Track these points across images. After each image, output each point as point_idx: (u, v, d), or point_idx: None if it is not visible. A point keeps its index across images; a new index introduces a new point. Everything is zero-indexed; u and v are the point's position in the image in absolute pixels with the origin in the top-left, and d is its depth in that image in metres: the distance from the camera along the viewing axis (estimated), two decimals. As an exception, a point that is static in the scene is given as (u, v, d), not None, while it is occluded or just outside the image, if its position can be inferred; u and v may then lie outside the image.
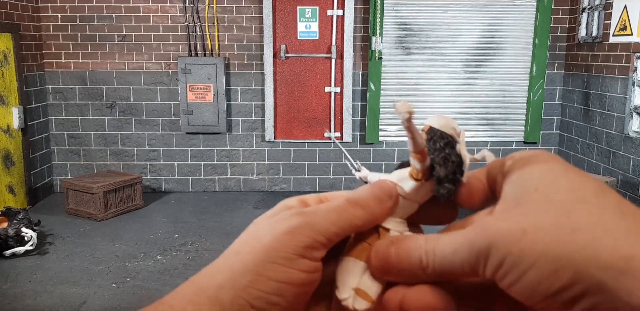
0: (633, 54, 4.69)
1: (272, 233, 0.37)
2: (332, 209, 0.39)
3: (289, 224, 0.37)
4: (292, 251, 0.36)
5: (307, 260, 0.37)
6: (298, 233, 0.37)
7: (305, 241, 0.37)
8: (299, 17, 5.62)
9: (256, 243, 0.37)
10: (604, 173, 5.05)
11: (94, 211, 5.03)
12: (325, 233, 0.37)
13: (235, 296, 0.36)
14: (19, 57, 5.23)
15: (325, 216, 0.38)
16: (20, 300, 3.49)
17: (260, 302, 0.36)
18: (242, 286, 0.36)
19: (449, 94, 5.86)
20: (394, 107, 0.39)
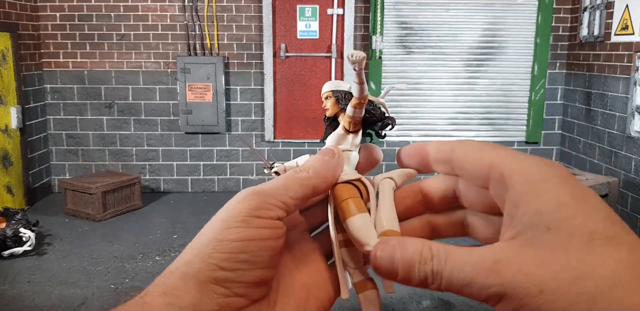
0: (635, 54, 4.66)
1: (225, 208, 0.41)
2: (279, 178, 0.43)
3: (239, 196, 0.41)
4: (245, 214, 0.39)
5: (262, 219, 0.39)
6: (247, 199, 0.40)
7: (256, 204, 0.40)
8: (299, 16, 5.59)
9: (213, 221, 0.41)
10: (606, 173, 5.03)
11: (92, 211, 5.00)
12: (275, 196, 0.41)
13: (202, 265, 0.38)
14: (17, 57, 5.20)
15: (273, 184, 0.42)
16: (18, 301, 3.46)
17: (228, 263, 0.38)
18: (207, 255, 0.38)
19: (450, 94, 5.83)
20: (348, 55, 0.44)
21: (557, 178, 0.34)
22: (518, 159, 0.36)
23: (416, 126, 5.87)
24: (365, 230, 0.43)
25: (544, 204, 0.33)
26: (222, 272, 0.38)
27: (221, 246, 0.38)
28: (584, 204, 0.32)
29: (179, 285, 0.37)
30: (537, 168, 0.35)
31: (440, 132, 5.89)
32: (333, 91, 0.51)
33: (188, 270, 0.38)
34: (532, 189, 0.34)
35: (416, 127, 5.87)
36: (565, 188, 0.33)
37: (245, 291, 0.39)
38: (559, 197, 0.33)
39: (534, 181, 0.34)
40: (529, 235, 0.33)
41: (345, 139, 0.49)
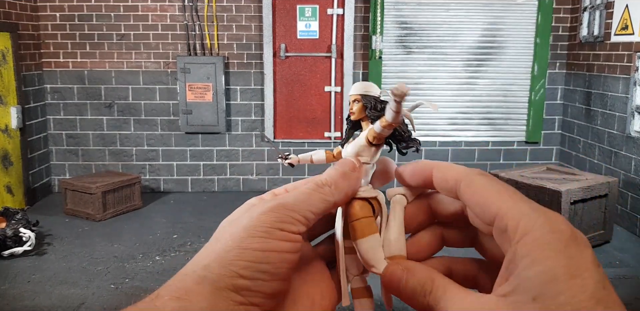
0: (634, 54, 4.67)
1: (248, 217, 0.41)
2: (302, 191, 0.43)
3: (264, 207, 0.41)
4: (269, 225, 0.40)
5: (285, 232, 0.40)
6: (272, 211, 0.40)
7: (280, 216, 0.40)
8: (299, 16, 5.59)
9: (235, 228, 0.41)
10: (606, 173, 5.03)
11: (92, 211, 5.00)
12: (298, 211, 0.41)
13: (223, 270, 0.38)
14: (17, 57, 5.20)
15: (295, 198, 0.42)
16: (18, 301, 3.46)
17: (248, 271, 0.38)
18: (228, 261, 0.38)
19: (450, 94, 5.83)
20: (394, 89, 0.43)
21: (558, 246, 0.35)
22: (525, 214, 0.37)
23: (416, 125, 5.85)
24: (374, 252, 0.45)
25: (538, 274, 0.34)
26: (241, 280, 0.38)
27: (244, 254, 0.39)
28: (573, 280, 0.33)
29: (194, 289, 0.37)
30: (541, 230, 0.35)
31: (440, 132, 5.89)
32: (363, 96, 0.50)
33: (207, 274, 0.38)
34: (531, 253, 0.35)
35: (416, 127, 5.86)
36: (560, 260, 0.34)
37: (260, 301, 0.39)
38: (552, 271, 0.34)
39: (535, 245, 0.35)
40: (517, 299, 0.34)
41: (366, 151, 0.49)
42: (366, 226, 0.45)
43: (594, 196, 4.25)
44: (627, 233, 4.74)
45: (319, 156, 0.54)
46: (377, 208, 0.47)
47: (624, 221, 4.83)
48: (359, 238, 0.45)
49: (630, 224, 4.76)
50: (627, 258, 4.21)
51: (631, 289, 3.70)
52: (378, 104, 0.50)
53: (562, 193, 4.06)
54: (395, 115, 0.46)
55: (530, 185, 4.30)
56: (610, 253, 4.28)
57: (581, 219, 4.22)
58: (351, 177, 0.46)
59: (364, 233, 0.45)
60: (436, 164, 0.44)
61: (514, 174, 4.58)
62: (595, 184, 4.24)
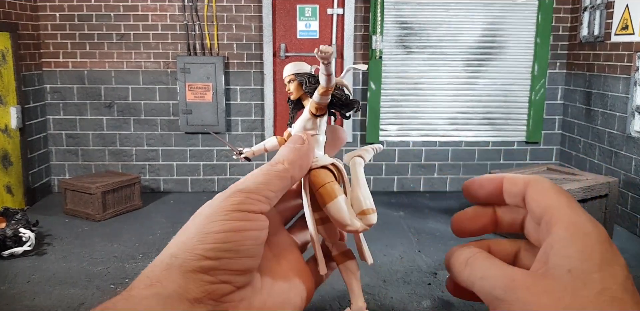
0: (635, 54, 4.66)
1: (208, 205, 0.43)
2: (257, 173, 0.45)
3: (223, 195, 0.43)
4: (228, 208, 0.41)
5: (245, 212, 0.42)
6: (231, 196, 0.42)
7: (239, 200, 0.42)
8: (299, 16, 5.59)
9: (197, 218, 0.42)
10: (606, 173, 5.03)
11: (92, 211, 5.00)
12: (256, 192, 0.43)
13: (187, 256, 0.40)
14: (17, 57, 5.20)
15: (252, 180, 0.44)
16: (18, 301, 3.46)
17: (213, 252, 0.40)
18: (191, 246, 0.40)
19: (450, 94, 5.83)
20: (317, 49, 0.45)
21: (597, 238, 0.37)
22: (572, 211, 0.39)
23: (416, 126, 5.86)
24: (344, 212, 0.46)
25: (575, 252, 0.36)
26: (207, 261, 0.40)
27: (205, 238, 0.40)
28: (608, 266, 0.36)
29: (163, 276, 0.39)
30: (583, 223, 0.38)
31: (440, 132, 5.89)
32: (296, 75, 0.52)
33: (173, 261, 0.40)
34: (571, 237, 0.37)
35: (416, 127, 5.87)
36: (598, 248, 0.37)
37: (230, 278, 0.40)
38: (590, 254, 0.36)
39: (576, 233, 0.37)
40: (551, 272, 0.37)
41: (312, 124, 0.51)
42: (331, 190, 0.47)
43: (594, 196, 4.24)
44: (628, 233, 4.74)
45: (272, 142, 0.56)
46: (337, 173, 0.49)
47: (624, 221, 4.83)
48: (328, 203, 0.47)
49: (630, 224, 4.76)
50: (628, 258, 4.20)
51: (632, 289, 3.69)
52: (312, 79, 0.52)
53: (562, 193, 4.05)
54: (327, 78, 0.48)
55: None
56: (611, 253, 4.28)
57: (581, 219, 4.21)
58: (301, 150, 0.48)
59: (331, 197, 0.47)
60: (505, 174, 0.46)
61: (514, 174, 4.57)
62: (595, 184, 4.24)
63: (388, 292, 3.56)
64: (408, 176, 5.95)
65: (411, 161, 5.93)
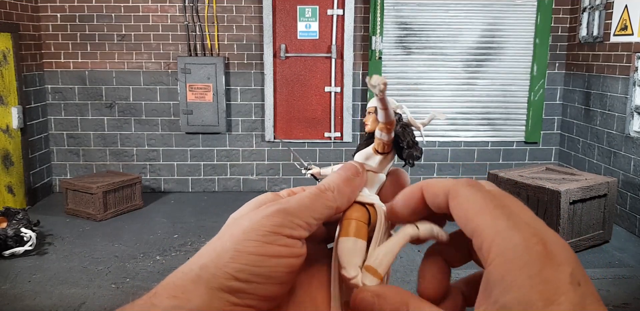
0: (634, 54, 4.68)
1: (249, 219, 0.41)
2: (305, 196, 0.43)
3: (266, 211, 0.41)
4: (268, 229, 0.39)
5: (284, 237, 0.40)
6: (273, 216, 0.40)
7: (280, 221, 0.40)
8: (299, 17, 5.61)
9: (235, 228, 0.41)
10: (605, 173, 5.04)
11: (93, 211, 5.02)
12: (299, 216, 0.41)
13: (217, 272, 0.38)
14: (18, 57, 5.21)
15: (298, 203, 0.42)
16: (19, 301, 3.47)
17: (243, 274, 0.38)
18: (223, 262, 0.38)
19: (450, 94, 5.84)
20: (368, 80, 0.43)
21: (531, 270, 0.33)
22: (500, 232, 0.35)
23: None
24: (351, 255, 0.43)
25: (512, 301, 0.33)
26: (236, 282, 0.38)
27: (239, 257, 0.38)
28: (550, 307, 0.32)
29: (190, 288, 0.38)
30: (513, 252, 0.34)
31: (439, 132, 5.90)
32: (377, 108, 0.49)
33: (202, 274, 0.38)
34: (505, 279, 0.34)
35: (416, 128, 5.87)
36: (535, 286, 0.33)
37: (255, 303, 0.39)
38: (527, 297, 0.33)
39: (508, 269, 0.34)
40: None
41: (372, 159, 0.49)
42: (354, 227, 0.44)
43: (593, 196, 4.26)
44: (627, 232, 4.75)
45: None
46: (373, 215, 0.45)
47: (623, 221, 4.84)
48: (341, 237, 0.44)
49: (629, 224, 4.77)
50: (627, 258, 4.22)
51: (631, 289, 3.70)
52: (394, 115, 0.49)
53: (561, 193, 4.07)
54: (382, 113, 0.46)
55: (529, 185, 4.31)
56: (610, 253, 4.29)
57: (580, 219, 4.23)
58: (354, 182, 0.46)
59: (348, 233, 0.44)
60: (424, 183, 0.42)
61: (513, 174, 4.59)
62: (594, 184, 4.25)
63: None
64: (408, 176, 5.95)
65: (411, 161, 5.93)
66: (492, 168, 5.84)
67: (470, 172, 5.94)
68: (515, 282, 0.33)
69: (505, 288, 0.33)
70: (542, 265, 0.33)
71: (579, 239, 4.22)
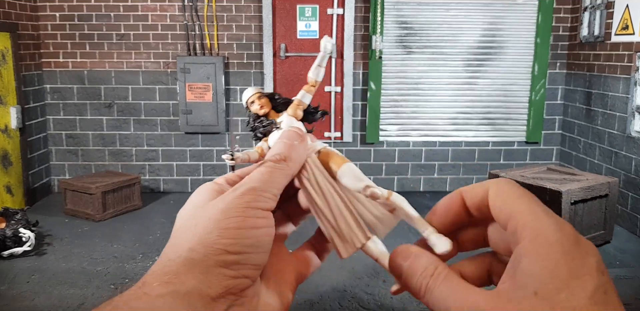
0: (635, 54, 4.66)
1: (222, 200, 0.44)
2: (264, 171, 0.46)
3: (235, 193, 0.44)
4: (244, 205, 0.43)
5: (258, 209, 0.43)
6: (245, 194, 0.44)
7: (253, 197, 0.44)
8: (299, 16, 5.59)
9: (211, 211, 0.43)
10: (606, 173, 5.03)
11: (92, 211, 5.00)
12: (266, 189, 0.45)
13: (209, 250, 0.40)
14: (17, 57, 5.19)
15: (260, 179, 0.45)
16: (18, 301, 3.45)
17: (234, 247, 0.41)
18: (211, 241, 0.41)
19: (450, 94, 5.83)
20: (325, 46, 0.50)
21: (563, 247, 0.36)
22: (535, 216, 0.38)
23: (416, 126, 5.86)
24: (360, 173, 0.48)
25: (541, 270, 0.35)
26: (230, 256, 0.40)
27: (226, 233, 0.41)
28: (575, 280, 0.35)
29: (182, 271, 0.39)
30: (549, 230, 0.37)
31: (440, 132, 5.89)
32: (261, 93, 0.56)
33: (193, 255, 0.40)
34: (537, 250, 0.36)
35: (416, 127, 5.87)
36: (565, 259, 0.35)
37: (251, 272, 0.42)
38: (555, 268, 0.35)
39: (541, 242, 0.36)
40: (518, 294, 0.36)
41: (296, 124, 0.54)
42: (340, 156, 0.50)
43: (594, 196, 4.24)
44: (628, 233, 4.73)
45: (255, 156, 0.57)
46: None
47: (624, 221, 4.83)
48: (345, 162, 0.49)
49: (630, 224, 4.76)
50: (628, 258, 4.20)
51: (631, 289, 3.69)
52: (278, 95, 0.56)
53: (562, 193, 4.05)
54: (322, 70, 0.52)
55: (530, 185, 4.30)
56: (611, 253, 4.28)
57: (581, 220, 4.21)
58: (300, 147, 0.49)
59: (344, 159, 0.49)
60: (462, 188, 0.45)
61: (515, 175, 4.57)
62: (595, 184, 4.24)
63: (388, 292, 3.55)
64: (408, 176, 5.94)
65: (411, 161, 5.92)
66: (493, 168, 5.82)
67: (471, 172, 5.93)
68: (547, 254, 0.35)
69: (537, 258, 0.36)
70: (573, 245, 0.36)
71: (580, 239, 4.20)
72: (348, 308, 3.39)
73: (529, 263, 0.36)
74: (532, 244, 0.36)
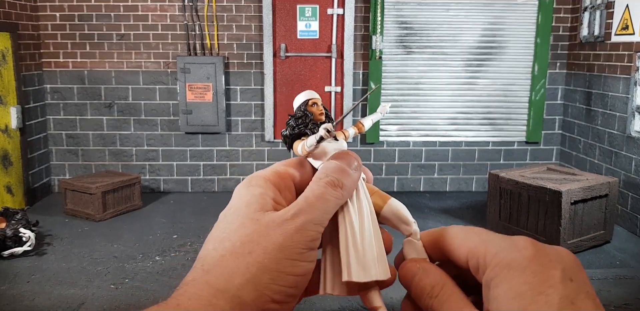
0: (635, 54, 4.66)
1: (283, 232, 0.41)
2: (319, 197, 0.43)
3: (294, 224, 0.41)
4: (303, 246, 0.40)
5: (313, 251, 0.42)
6: (305, 229, 0.41)
7: (312, 235, 0.41)
8: (299, 16, 5.59)
9: (268, 243, 0.40)
10: (606, 173, 5.03)
11: (92, 211, 5.00)
12: (321, 222, 0.42)
13: (258, 294, 0.39)
14: (17, 57, 5.20)
15: (316, 207, 0.42)
16: (18, 301, 3.46)
17: (280, 296, 0.39)
18: (263, 284, 0.39)
19: (450, 94, 5.83)
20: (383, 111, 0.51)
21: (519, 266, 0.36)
22: (488, 245, 0.38)
23: (416, 126, 5.86)
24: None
25: (504, 292, 0.35)
26: (272, 304, 0.39)
27: (280, 278, 0.39)
28: (539, 296, 0.34)
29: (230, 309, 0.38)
30: (504, 253, 0.37)
31: (440, 132, 5.89)
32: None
33: (242, 295, 0.38)
34: (498, 275, 0.36)
35: (416, 127, 5.87)
36: (525, 276, 0.35)
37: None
38: (517, 288, 0.35)
39: (500, 266, 0.37)
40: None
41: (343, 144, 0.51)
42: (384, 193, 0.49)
43: (594, 196, 4.24)
44: (628, 233, 4.73)
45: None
46: None
47: (624, 221, 4.83)
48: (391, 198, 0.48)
49: (630, 224, 4.76)
50: (628, 258, 4.20)
51: (631, 289, 3.69)
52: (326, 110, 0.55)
53: (562, 193, 4.05)
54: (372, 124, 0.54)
55: (530, 185, 4.30)
56: (611, 253, 4.28)
57: (581, 220, 4.22)
58: (355, 176, 0.46)
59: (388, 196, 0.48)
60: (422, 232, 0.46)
61: (514, 175, 4.57)
62: (595, 184, 4.24)
63: (388, 292, 3.53)
64: (408, 176, 5.95)
65: (411, 161, 5.93)
66: (493, 168, 5.83)
67: (471, 172, 5.93)
68: (507, 276, 0.36)
69: (500, 282, 0.36)
70: (532, 261, 0.36)
71: (580, 239, 4.21)
72: (348, 308, 3.39)
73: (494, 290, 0.36)
74: (493, 271, 0.37)
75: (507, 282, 0.35)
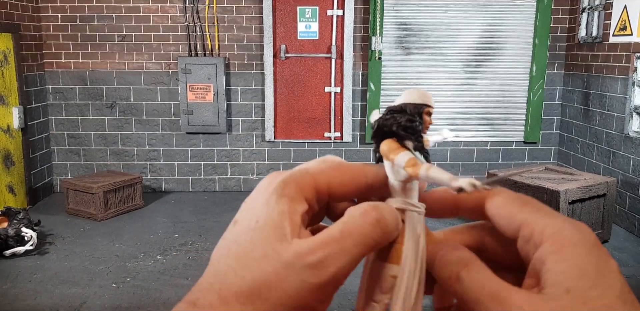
0: (633, 54, 4.69)
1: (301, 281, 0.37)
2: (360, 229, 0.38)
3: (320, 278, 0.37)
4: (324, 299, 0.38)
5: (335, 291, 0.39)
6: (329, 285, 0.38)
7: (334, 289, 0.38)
8: (299, 17, 5.62)
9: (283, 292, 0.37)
10: (604, 173, 5.05)
11: (94, 211, 5.03)
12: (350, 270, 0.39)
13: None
14: (19, 57, 5.23)
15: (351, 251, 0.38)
16: (20, 300, 3.49)
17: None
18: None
19: (449, 94, 5.86)
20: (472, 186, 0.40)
21: (585, 246, 0.36)
22: (549, 220, 0.37)
23: (416, 126, 5.88)
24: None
25: (569, 268, 0.35)
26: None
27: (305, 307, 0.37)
28: (603, 278, 0.35)
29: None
30: (568, 232, 0.37)
31: (439, 132, 5.90)
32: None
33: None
34: (561, 250, 0.36)
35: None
36: (590, 258, 0.35)
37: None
38: (584, 266, 0.35)
39: (564, 243, 0.36)
40: (548, 291, 0.35)
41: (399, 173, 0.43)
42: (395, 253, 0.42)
43: (592, 196, 4.27)
44: (626, 232, 4.76)
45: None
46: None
47: (622, 220, 4.86)
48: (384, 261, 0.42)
49: (628, 224, 4.79)
50: (626, 258, 4.23)
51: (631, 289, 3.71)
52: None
53: (560, 193, 4.08)
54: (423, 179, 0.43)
55: (528, 185, 4.33)
56: (609, 253, 4.30)
57: (579, 219, 4.22)
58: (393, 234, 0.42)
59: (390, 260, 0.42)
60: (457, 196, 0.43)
61: (513, 174, 4.59)
62: (593, 184, 4.26)
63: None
64: (407, 176, 5.96)
65: (411, 161, 5.94)
66: (491, 167, 5.85)
67: (470, 172, 5.96)
68: (572, 253, 0.35)
69: (563, 257, 0.35)
70: (595, 246, 0.36)
71: (577, 239, 4.23)
72: (348, 307, 3.42)
73: (556, 263, 0.35)
74: (556, 245, 0.36)
75: (573, 259, 0.35)
